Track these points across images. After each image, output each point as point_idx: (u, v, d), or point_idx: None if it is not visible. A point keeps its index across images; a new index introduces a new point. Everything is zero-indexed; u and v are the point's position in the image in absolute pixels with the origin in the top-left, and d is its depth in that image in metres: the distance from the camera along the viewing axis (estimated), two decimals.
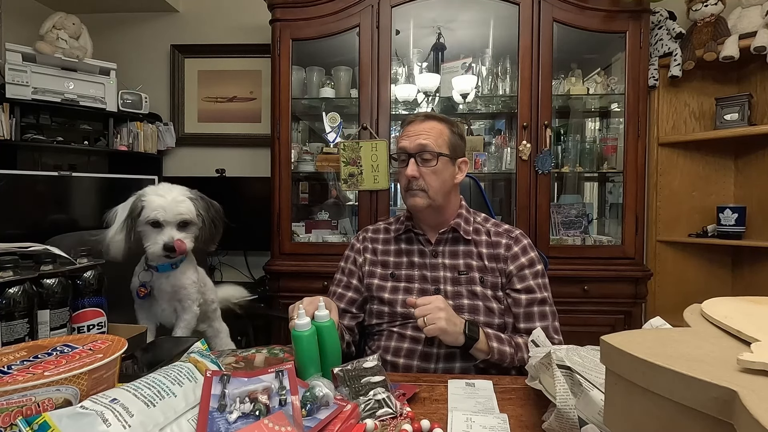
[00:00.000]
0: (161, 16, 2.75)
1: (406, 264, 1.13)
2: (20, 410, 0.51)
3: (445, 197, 1.10)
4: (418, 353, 1.03)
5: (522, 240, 1.12)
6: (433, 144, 1.06)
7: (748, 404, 0.32)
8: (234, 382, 0.64)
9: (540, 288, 1.08)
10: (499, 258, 1.09)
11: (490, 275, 1.08)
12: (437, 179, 1.07)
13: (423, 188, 1.06)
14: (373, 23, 2.04)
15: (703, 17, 2.14)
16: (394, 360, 1.05)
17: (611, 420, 0.47)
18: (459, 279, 1.08)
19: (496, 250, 1.10)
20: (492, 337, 0.98)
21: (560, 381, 0.63)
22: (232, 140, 2.72)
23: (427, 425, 0.67)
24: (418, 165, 1.06)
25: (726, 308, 0.54)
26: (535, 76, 2.00)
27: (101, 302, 0.96)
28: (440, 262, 1.10)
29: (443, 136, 1.08)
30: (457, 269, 1.09)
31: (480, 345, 0.95)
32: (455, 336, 0.92)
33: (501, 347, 0.97)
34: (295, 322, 0.80)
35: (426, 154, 1.05)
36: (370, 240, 1.19)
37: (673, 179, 2.31)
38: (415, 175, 1.05)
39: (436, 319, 0.90)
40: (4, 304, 0.78)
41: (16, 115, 2.16)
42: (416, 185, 1.06)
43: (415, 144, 1.06)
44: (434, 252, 1.11)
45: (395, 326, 1.07)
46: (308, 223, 2.28)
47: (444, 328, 0.90)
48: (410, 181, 1.06)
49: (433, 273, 1.09)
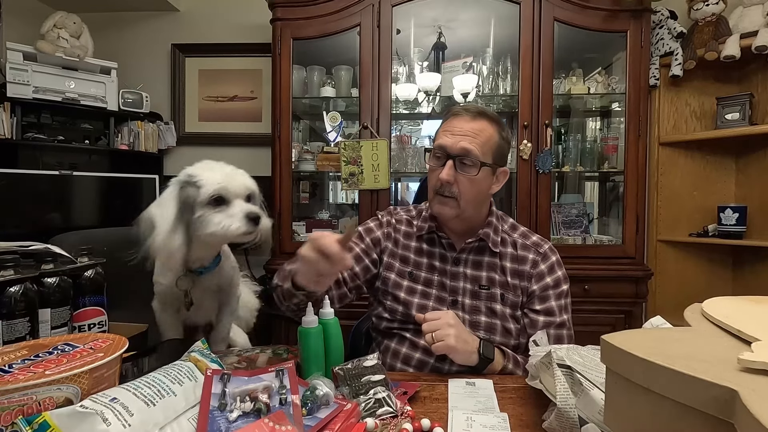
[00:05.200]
0: (162, 15, 2.75)
1: (426, 266, 1.04)
2: (21, 409, 0.51)
3: (477, 208, 1.01)
4: (429, 366, 0.98)
5: (551, 257, 1.03)
6: (479, 151, 0.94)
7: (748, 404, 0.32)
8: (234, 381, 0.64)
9: (561, 310, 1.00)
10: (523, 275, 1.01)
11: (511, 293, 1.00)
12: (473, 189, 0.96)
13: (455, 195, 0.96)
14: (373, 22, 2.04)
15: (704, 16, 2.14)
16: (404, 368, 0.99)
17: (611, 420, 0.46)
18: (479, 294, 1.00)
19: (521, 266, 1.01)
20: (509, 358, 0.92)
21: (561, 380, 0.63)
22: (233, 139, 2.71)
23: (427, 424, 0.67)
24: (456, 170, 0.94)
25: (726, 308, 0.54)
26: (535, 76, 2.00)
27: (102, 301, 0.96)
28: (461, 272, 1.02)
29: (491, 141, 0.96)
30: (478, 282, 1.01)
31: (495, 366, 0.90)
32: (467, 355, 0.86)
33: (515, 370, 0.92)
34: (302, 318, 0.80)
35: (467, 159, 0.94)
36: (394, 227, 1.08)
37: (674, 179, 2.30)
38: (450, 181, 0.94)
39: (444, 336, 0.84)
40: (5, 302, 0.79)
41: (17, 115, 2.16)
42: (448, 191, 0.96)
43: (459, 146, 0.94)
44: (456, 259, 1.02)
45: (408, 332, 1.01)
46: (309, 222, 2.28)
47: (453, 346, 0.84)
48: (443, 184, 0.95)
49: (453, 282, 1.01)
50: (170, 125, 2.69)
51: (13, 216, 2.04)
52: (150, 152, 2.57)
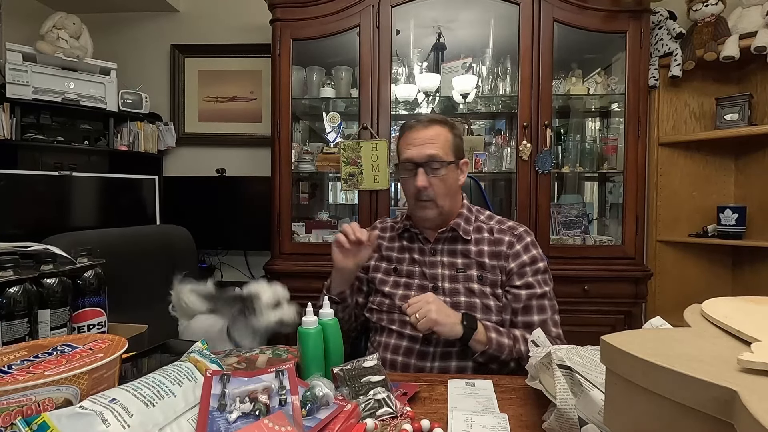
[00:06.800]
0: (162, 16, 2.75)
1: (408, 260, 1.14)
2: (20, 410, 0.51)
3: (451, 201, 1.10)
4: (415, 352, 1.04)
5: (525, 238, 1.11)
6: (441, 152, 1.05)
7: (748, 404, 0.32)
8: (234, 382, 0.64)
9: (540, 283, 1.07)
10: (500, 255, 1.09)
11: (489, 273, 1.08)
12: (445, 186, 1.06)
13: (432, 197, 1.06)
14: (373, 23, 2.04)
15: (704, 17, 2.14)
16: (393, 358, 1.06)
17: (611, 420, 0.47)
18: (456, 277, 1.08)
19: (498, 248, 1.10)
20: (490, 329, 0.99)
21: (560, 381, 0.63)
22: (233, 140, 2.72)
23: (427, 425, 0.67)
24: (427, 175, 1.05)
25: (726, 308, 0.54)
26: (535, 76, 2.00)
27: (101, 302, 0.96)
28: (439, 260, 1.11)
29: (448, 141, 1.07)
30: (455, 267, 1.10)
31: (478, 336, 0.96)
32: (451, 327, 0.93)
33: (499, 338, 0.98)
34: (302, 319, 0.81)
35: (435, 163, 1.04)
36: (378, 236, 1.19)
37: (674, 179, 2.31)
38: (426, 185, 1.04)
39: (426, 312, 0.91)
40: (5, 303, 0.78)
41: (17, 115, 2.16)
42: (426, 195, 1.06)
43: (424, 154, 1.04)
44: (433, 250, 1.12)
45: (395, 323, 1.08)
46: (308, 222, 2.28)
47: (435, 319, 0.91)
48: (420, 190, 1.05)
49: (432, 270, 1.10)
50: (170, 126, 2.69)
51: (13, 217, 2.04)
52: (150, 153, 2.57)
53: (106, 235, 1.28)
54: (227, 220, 2.56)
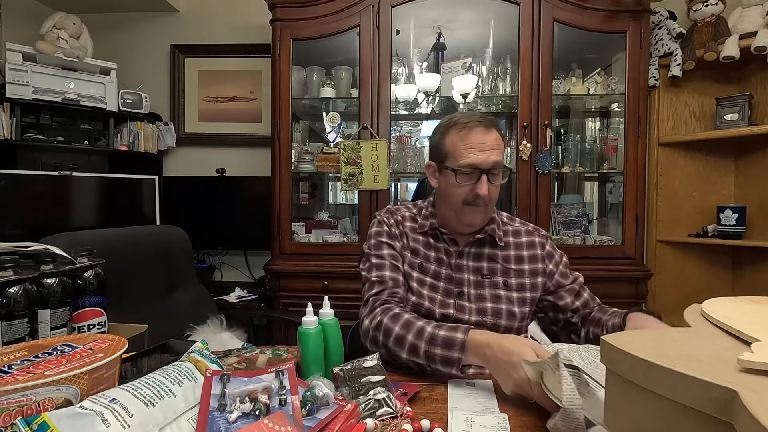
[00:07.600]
0: (161, 16, 2.75)
1: (434, 259, 1.09)
2: (20, 410, 0.51)
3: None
4: None
5: (548, 236, 1.16)
6: (502, 159, 1.02)
7: (748, 404, 0.32)
8: (234, 382, 0.64)
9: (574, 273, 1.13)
10: (537, 258, 1.10)
11: (514, 278, 1.07)
12: (497, 192, 1.05)
13: (486, 203, 1.03)
14: (373, 23, 2.04)
15: (704, 17, 2.14)
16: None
17: (611, 420, 0.47)
18: (483, 283, 1.06)
19: (532, 251, 1.10)
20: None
21: (567, 380, 0.63)
22: (233, 140, 2.72)
23: (427, 425, 0.67)
24: (489, 181, 1.01)
25: (726, 308, 0.54)
26: (535, 76, 2.00)
27: (102, 302, 0.96)
28: (465, 264, 1.08)
29: (502, 146, 1.05)
30: (480, 272, 1.07)
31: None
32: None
33: None
34: (302, 319, 0.81)
35: (496, 170, 1.01)
36: (401, 224, 1.13)
37: (674, 179, 2.31)
38: (489, 194, 1.01)
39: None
40: (5, 303, 0.78)
41: (17, 115, 2.16)
42: (482, 201, 1.02)
43: (491, 161, 1.00)
44: (460, 253, 1.09)
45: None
46: (308, 222, 2.28)
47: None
48: (477, 197, 1.01)
49: (458, 275, 1.07)
50: (170, 126, 2.69)
51: (13, 217, 2.04)
52: (150, 153, 2.57)
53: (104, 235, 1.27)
54: (227, 220, 2.56)
